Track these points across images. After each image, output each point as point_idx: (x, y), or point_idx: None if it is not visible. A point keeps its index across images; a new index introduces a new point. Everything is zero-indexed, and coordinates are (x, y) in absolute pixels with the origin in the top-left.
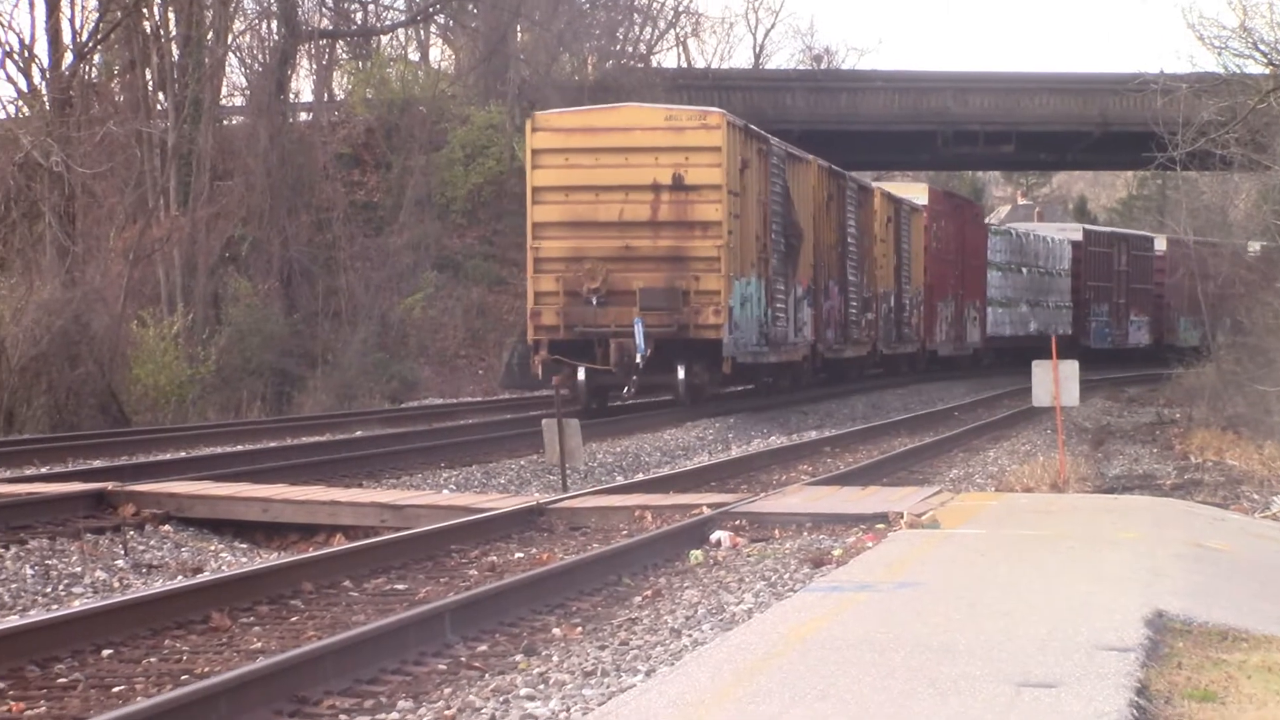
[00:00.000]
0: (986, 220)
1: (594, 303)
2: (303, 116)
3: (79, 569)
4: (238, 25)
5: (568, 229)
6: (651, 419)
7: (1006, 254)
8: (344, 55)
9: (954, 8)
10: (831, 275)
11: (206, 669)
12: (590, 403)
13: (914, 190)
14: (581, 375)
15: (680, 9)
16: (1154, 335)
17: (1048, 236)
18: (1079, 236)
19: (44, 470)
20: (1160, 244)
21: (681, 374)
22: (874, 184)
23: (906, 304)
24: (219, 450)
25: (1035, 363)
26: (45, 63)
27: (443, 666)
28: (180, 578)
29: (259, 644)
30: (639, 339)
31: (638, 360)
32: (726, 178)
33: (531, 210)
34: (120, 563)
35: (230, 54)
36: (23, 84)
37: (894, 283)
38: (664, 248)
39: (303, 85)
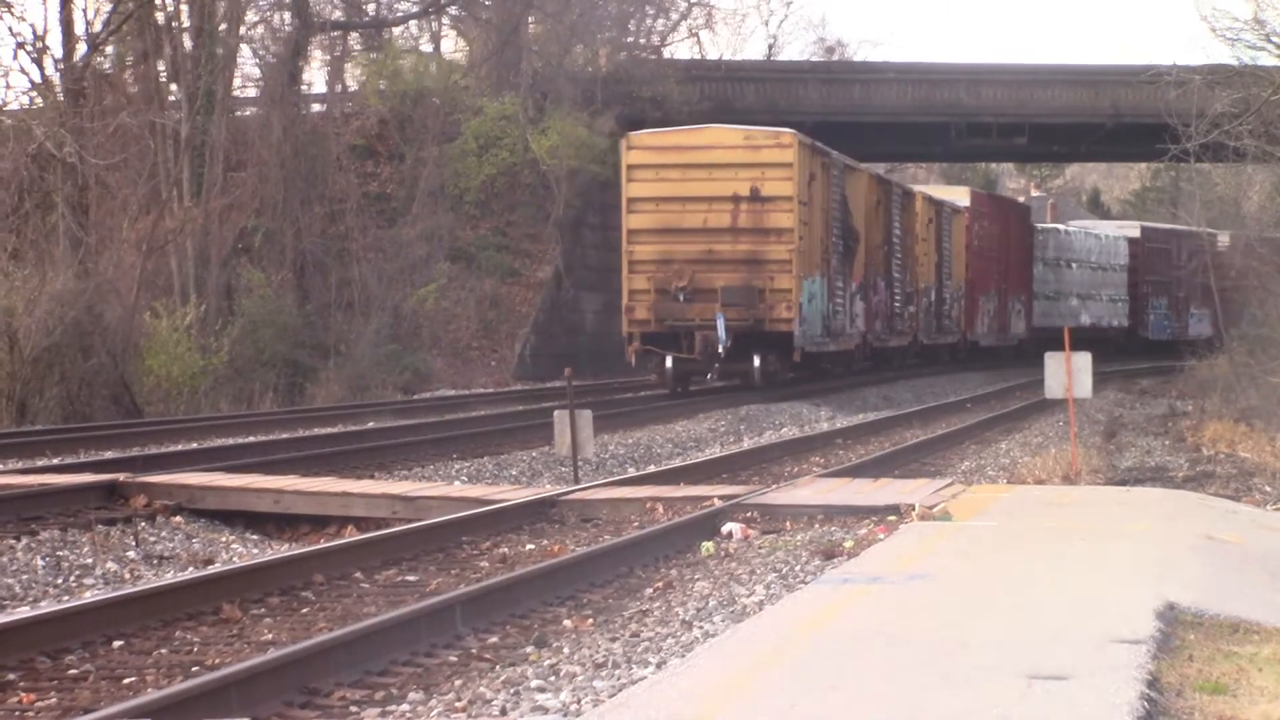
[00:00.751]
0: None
1: (681, 299)
2: (316, 108)
3: (90, 560)
4: (250, 16)
5: (658, 235)
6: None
7: (1055, 250)
8: (357, 46)
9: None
10: (879, 272)
11: (217, 660)
12: (676, 386)
13: (956, 193)
14: (669, 363)
15: (693, 0)
16: (1215, 327)
17: (1101, 234)
18: (1136, 234)
19: (56, 461)
20: (1225, 239)
21: (757, 362)
22: (916, 188)
23: (947, 298)
24: (231, 441)
25: (1048, 354)
26: (58, 54)
27: (453, 658)
28: (191, 569)
29: (270, 635)
30: (721, 331)
31: (720, 350)
32: (797, 189)
33: (626, 218)
34: (131, 554)
35: (243, 45)
36: (36, 75)
37: (935, 278)
38: (742, 251)
39: (315, 76)
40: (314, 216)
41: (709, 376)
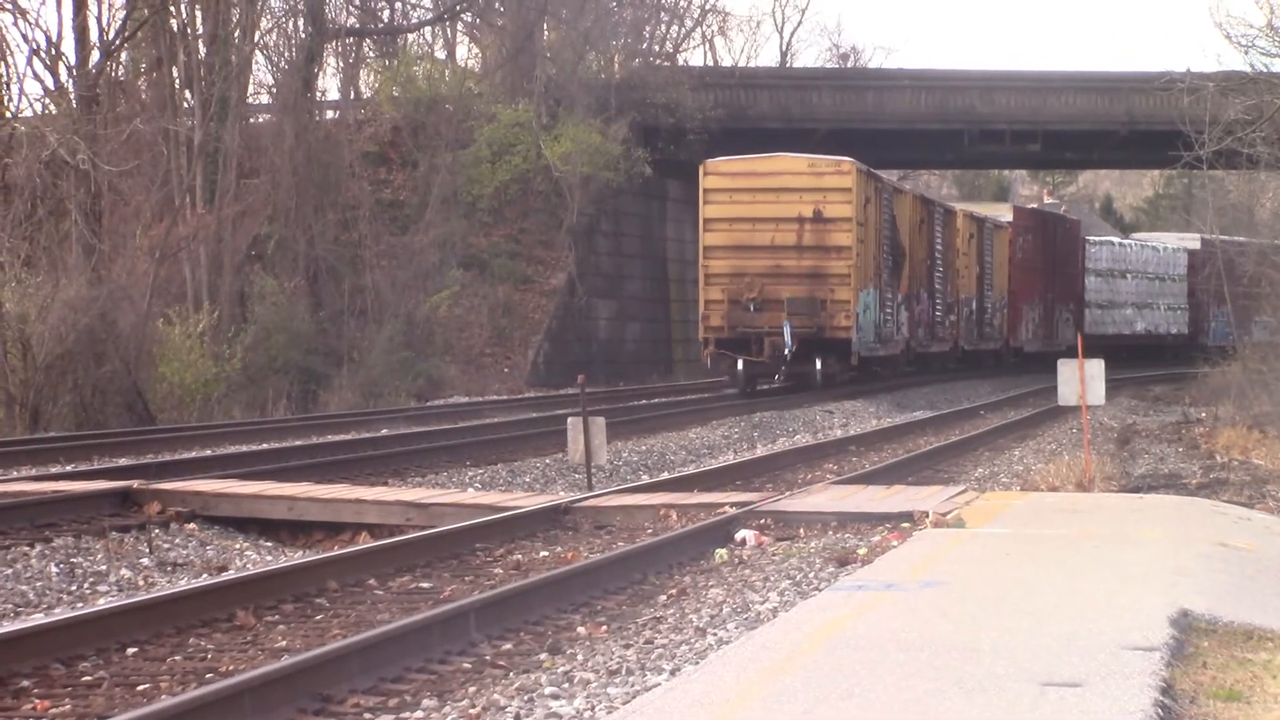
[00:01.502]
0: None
1: (751, 309)
2: (329, 115)
3: (104, 567)
4: (264, 23)
5: (731, 251)
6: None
7: (1108, 262)
8: (370, 53)
9: (980, 7)
10: (922, 284)
11: (231, 667)
12: (746, 386)
13: (999, 209)
14: (740, 365)
15: (707, 7)
16: None
17: (1159, 245)
18: (1196, 245)
19: (69, 468)
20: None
21: (819, 365)
22: (958, 206)
23: (988, 307)
24: (244, 448)
25: (1061, 361)
26: (72, 60)
27: (467, 665)
28: (205, 576)
29: (284, 642)
30: (787, 337)
31: (786, 354)
32: (855, 211)
33: (702, 236)
34: (145, 561)
35: (257, 52)
36: (50, 82)
37: (976, 289)
38: (806, 266)
39: (329, 83)
40: (327, 223)
41: (776, 378)
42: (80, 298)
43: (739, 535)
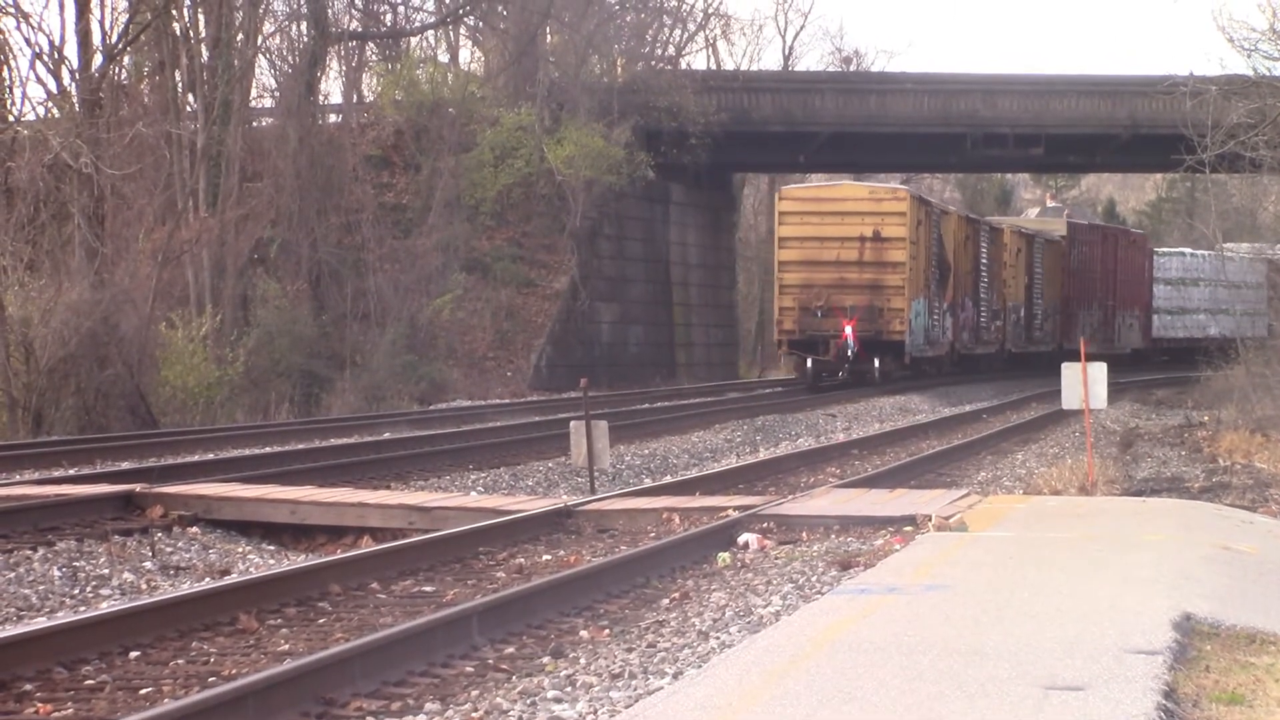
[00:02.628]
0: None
1: (819, 315)
2: (332, 118)
3: (107, 571)
4: (267, 27)
5: (802, 265)
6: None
7: (1178, 271)
8: (373, 57)
9: (983, 10)
10: (967, 294)
11: (234, 671)
12: (814, 381)
13: (1053, 224)
14: (810, 363)
15: (710, 11)
16: None
17: (1234, 254)
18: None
19: (72, 472)
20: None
21: (877, 364)
22: (1005, 222)
23: (1038, 313)
24: (247, 452)
25: (1065, 365)
26: (75, 64)
27: (470, 669)
28: (208, 579)
29: (286, 646)
30: (850, 340)
31: (849, 354)
32: (908, 231)
33: (778, 252)
34: (148, 564)
35: (260, 55)
36: (52, 85)
37: (1024, 297)
38: (866, 279)
39: (332, 87)
40: (330, 227)
41: (839, 374)
42: (83, 301)
43: (742, 539)
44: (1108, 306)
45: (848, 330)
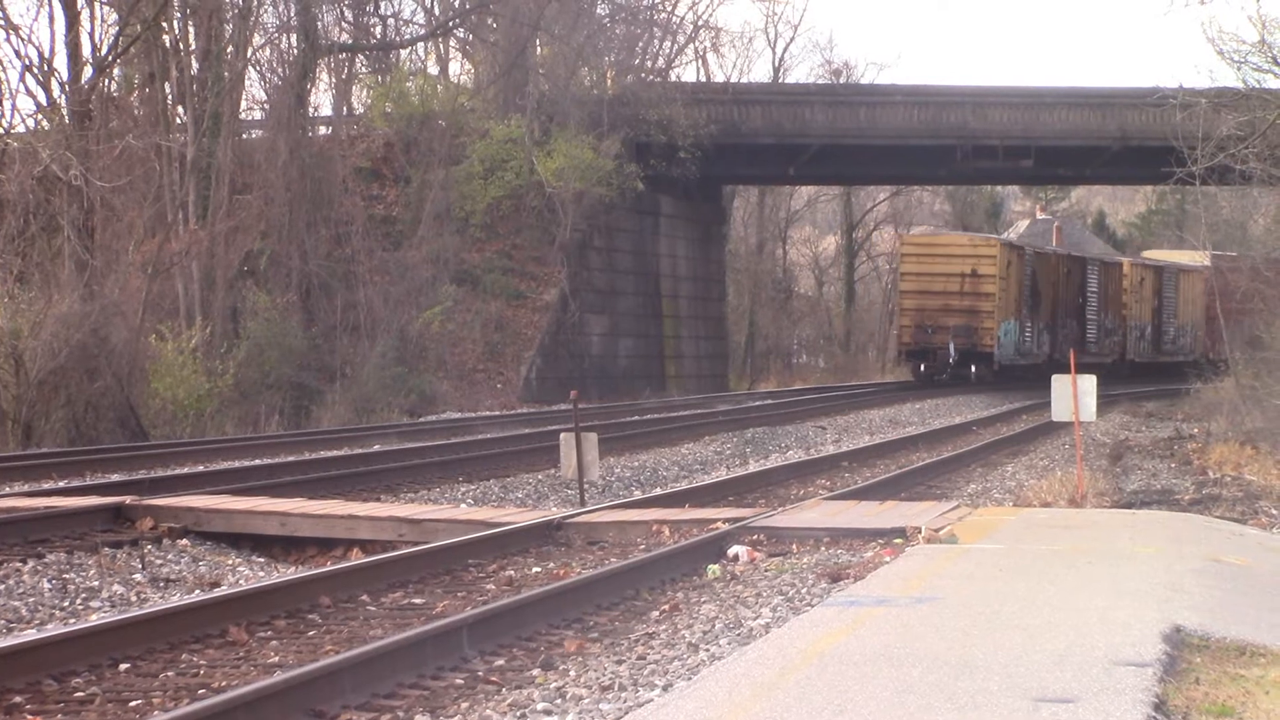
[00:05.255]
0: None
1: (929, 332)
2: (322, 130)
3: (96, 583)
4: (257, 39)
5: (917, 294)
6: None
7: None
8: (363, 69)
9: (973, 23)
10: (1069, 315)
11: (224, 683)
12: (925, 381)
13: (1198, 256)
14: (922, 368)
15: (699, 23)
16: None
17: None
18: None
19: (62, 484)
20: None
21: (973, 369)
22: (1125, 258)
23: (1168, 331)
24: (237, 464)
25: (1055, 377)
26: (65, 76)
27: (460, 681)
28: (198, 592)
29: (276, 658)
30: (952, 351)
31: (950, 362)
32: (998, 270)
33: (900, 283)
34: (138, 576)
35: (250, 68)
36: (42, 97)
37: (1151, 317)
38: (965, 305)
39: (322, 99)
40: (320, 239)
41: (944, 376)
42: (73, 313)
43: (731, 551)
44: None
45: (950, 344)
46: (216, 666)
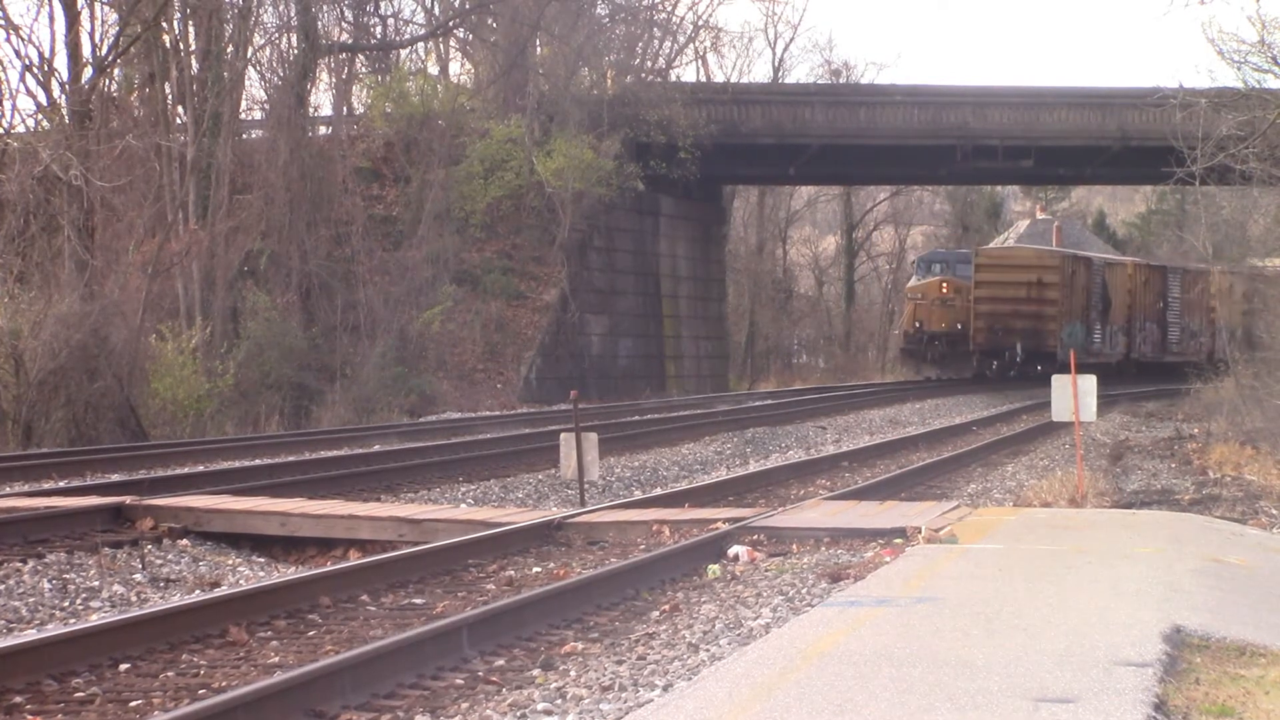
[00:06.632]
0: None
1: (999, 333)
2: (322, 130)
3: (96, 583)
4: (257, 39)
5: (989, 300)
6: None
7: None
8: (363, 69)
9: (973, 23)
10: (1147, 318)
11: (224, 683)
12: (996, 376)
13: None
14: (994, 365)
15: (699, 23)
16: None
17: None
18: None
19: (62, 484)
20: None
21: (1039, 367)
22: (1212, 266)
23: (1258, 333)
24: (237, 464)
25: (1055, 377)
26: (65, 76)
27: (460, 681)
28: (198, 592)
29: (276, 658)
30: (1019, 351)
31: (1017, 360)
32: (1060, 279)
33: (974, 291)
34: (138, 577)
35: (250, 68)
36: (42, 97)
37: (1240, 320)
38: (1030, 310)
39: (322, 99)
40: (320, 239)
41: (1011, 373)
42: (73, 313)
43: (732, 551)
44: None
45: (1018, 345)
46: (216, 666)
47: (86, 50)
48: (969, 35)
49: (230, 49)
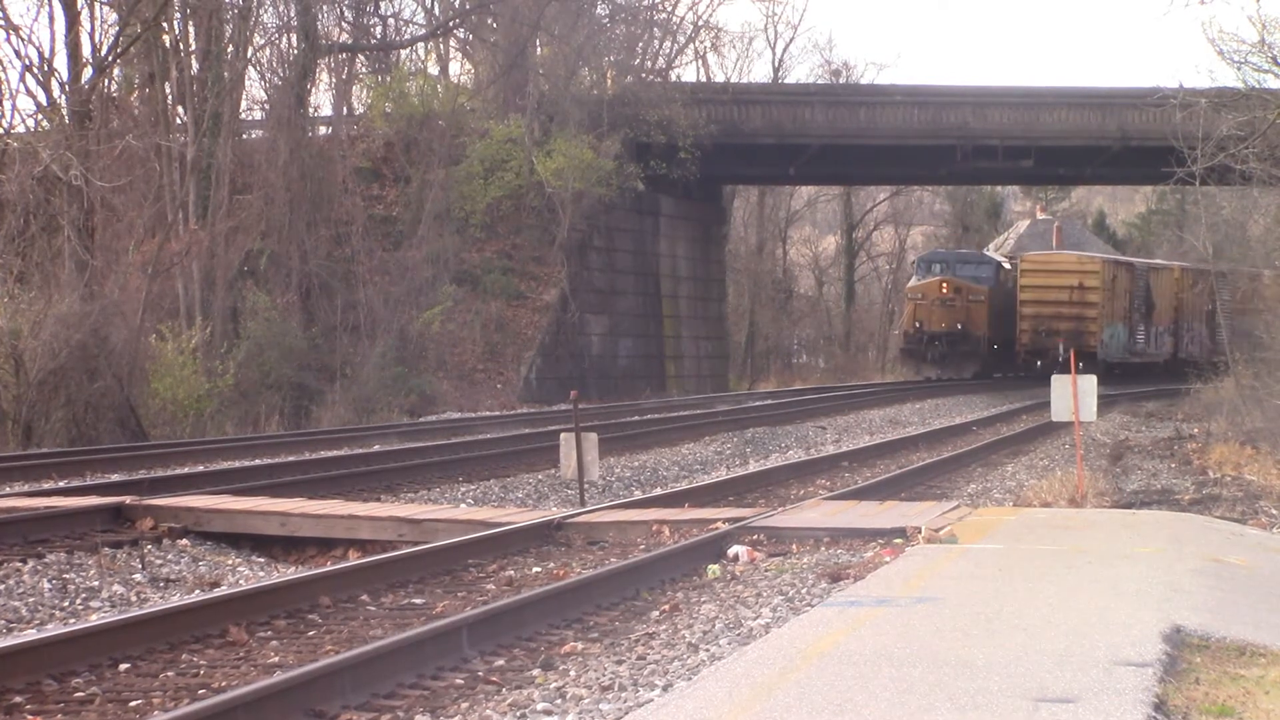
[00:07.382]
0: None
1: (1044, 335)
2: (322, 130)
3: (96, 583)
4: (257, 39)
5: (1033, 303)
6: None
7: None
8: (363, 69)
9: (973, 23)
10: (1194, 320)
11: (224, 683)
12: (1041, 372)
13: None
14: (1039, 364)
15: (699, 23)
16: None
17: None
18: None
19: (62, 484)
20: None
21: (1080, 366)
22: (1264, 270)
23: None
24: (237, 464)
25: (1055, 377)
26: (65, 76)
27: (460, 681)
28: (198, 592)
29: (276, 658)
30: (1061, 351)
31: (1060, 359)
32: (1101, 283)
33: (1019, 294)
34: (138, 577)
35: (250, 68)
36: (42, 97)
37: None
38: (1072, 313)
39: (322, 99)
40: (320, 239)
41: (1055, 371)
42: (73, 313)
43: (731, 551)
44: None
45: (1060, 345)
46: (216, 666)
47: (86, 50)
48: (969, 35)
49: (230, 49)
